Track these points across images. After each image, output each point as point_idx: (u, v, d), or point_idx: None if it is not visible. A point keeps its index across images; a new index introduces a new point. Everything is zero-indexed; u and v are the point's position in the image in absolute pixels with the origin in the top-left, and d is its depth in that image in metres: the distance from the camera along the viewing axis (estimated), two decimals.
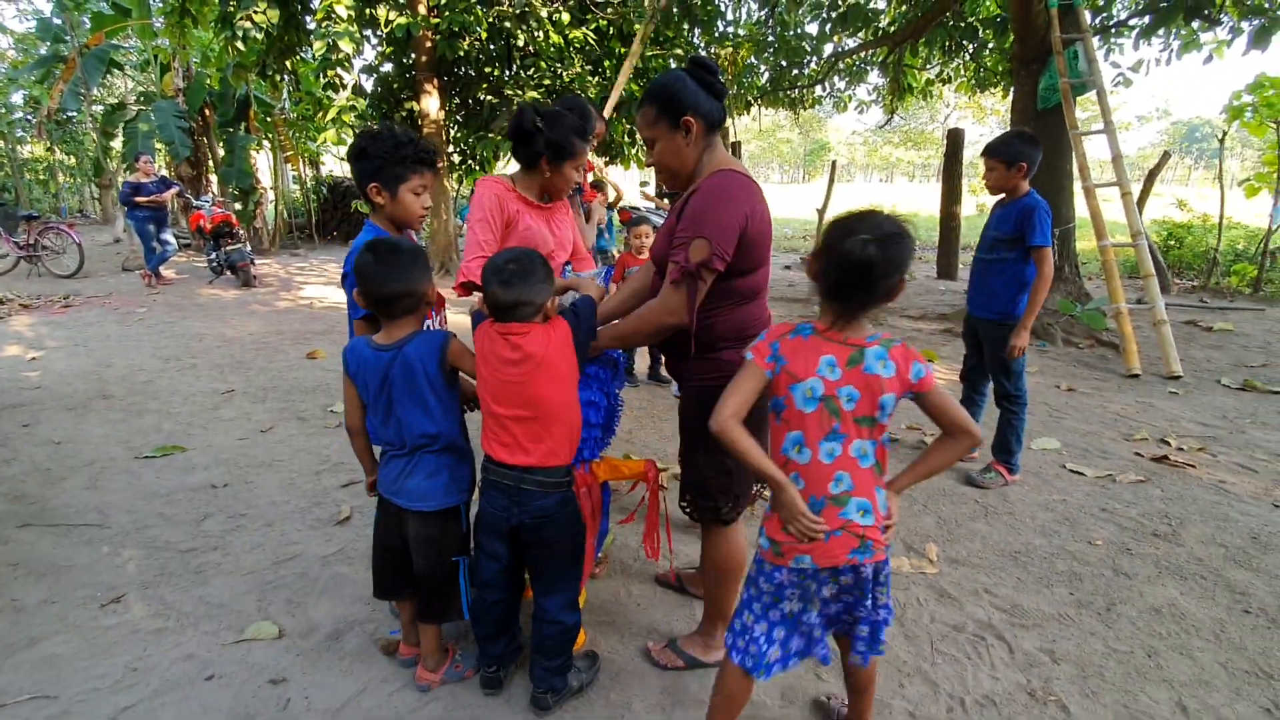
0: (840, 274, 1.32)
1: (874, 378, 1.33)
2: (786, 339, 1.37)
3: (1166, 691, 1.88)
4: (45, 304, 7.55)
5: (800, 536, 1.36)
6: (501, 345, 1.61)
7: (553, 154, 2.00)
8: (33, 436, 3.71)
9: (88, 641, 2.07)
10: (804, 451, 1.37)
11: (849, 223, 1.33)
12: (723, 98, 1.68)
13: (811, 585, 1.42)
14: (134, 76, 16.12)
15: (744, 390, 1.36)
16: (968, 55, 9.28)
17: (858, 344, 1.35)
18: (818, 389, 1.34)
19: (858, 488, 1.37)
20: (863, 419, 1.36)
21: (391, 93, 8.94)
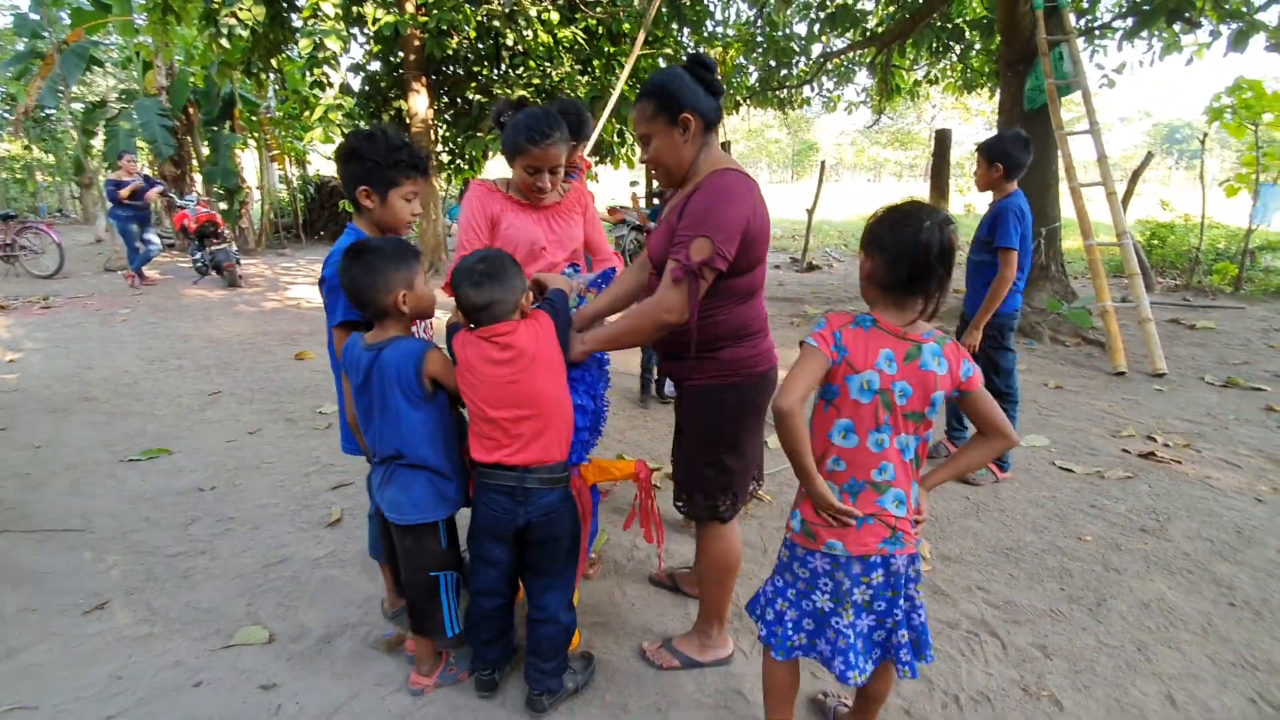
0: (914, 265, 1.31)
1: (929, 374, 1.35)
2: (848, 329, 1.36)
3: (1156, 684, 1.90)
4: (24, 305, 7.42)
5: (830, 523, 1.38)
6: (488, 348, 1.59)
7: (507, 152, 2.02)
8: (10, 440, 3.64)
9: (70, 650, 2.03)
10: (851, 437, 1.38)
11: (908, 215, 1.33)
12: (720, 95, 1.67)
13: (844, 581, 1.40)
14: (115, 74, 15.88)
15: (811, 375, 1.34)
16: (955, 56, 9.36)
17: (916, 339, 1.36)
18: (874, 381, 1.34)
19: (898, 479, 1.39)
20: (912, 414, 1.37)
21: (379, 91, 8.87)
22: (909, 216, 1.33)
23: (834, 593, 1.42)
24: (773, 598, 1.51)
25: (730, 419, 1.74)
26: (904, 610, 1.44)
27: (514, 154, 1.99)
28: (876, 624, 1.45)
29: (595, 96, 8.24)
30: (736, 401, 1.73)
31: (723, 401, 1.73)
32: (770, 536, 2.71)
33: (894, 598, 1.42)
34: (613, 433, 3.79)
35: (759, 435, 1.86)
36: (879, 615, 1.44)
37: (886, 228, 1.35)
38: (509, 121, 1.99)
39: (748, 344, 1.71)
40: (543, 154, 1.94)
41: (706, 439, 1.77)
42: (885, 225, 1.35)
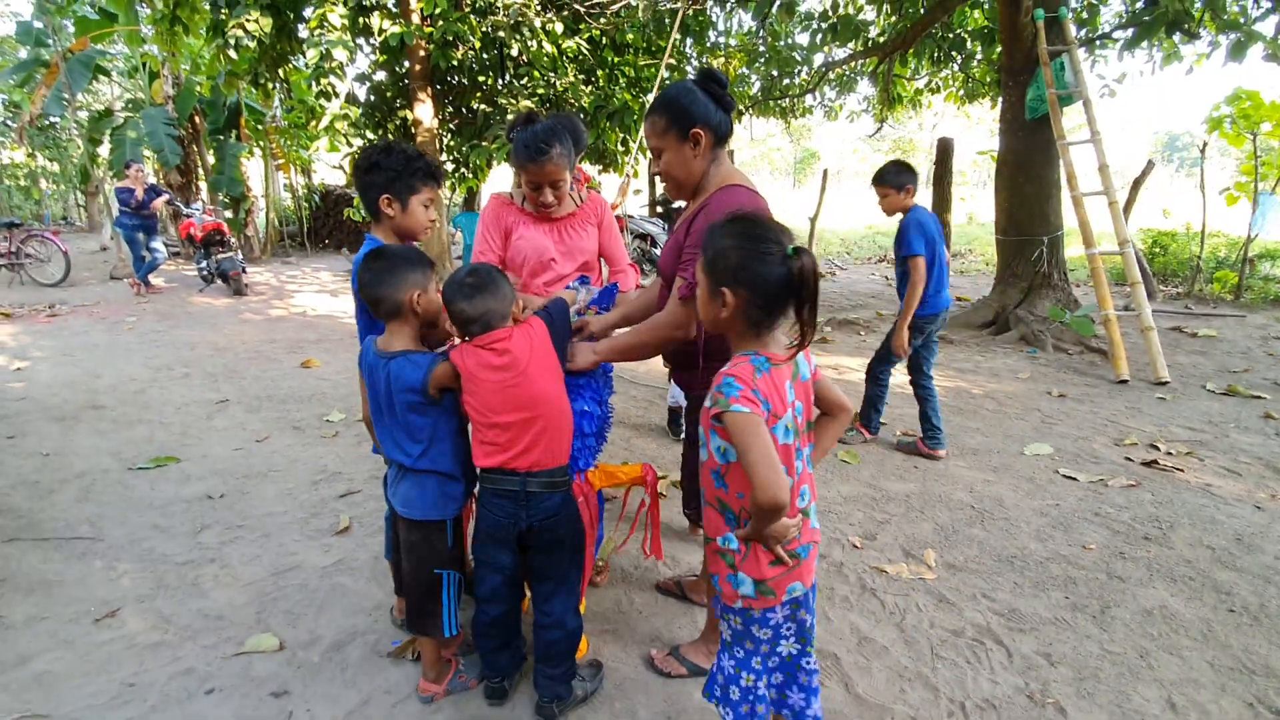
0: (779, 294, 1.25)
1: (807, 383, 1.38)
2: (758, 380, 1.25)
3: (1157, 690, 1.91)
4: (30, 313, 7.47)
5: (788, 556, 1.31)
6: (486, 355, 1.63)
7: (513, 167, 2.10)
8: (19, 449, 3.66)
9: (81, 658, 2.05)
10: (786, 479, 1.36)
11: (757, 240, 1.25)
12: (732, 110, 1.70)
13: (806, 617, 1.38)
14: (121, 83, 16.00)
15: (772, 449, 1.21)
16: (956, 66, 9.42)
17: (794, 355, 1.33)
18: (790, 418, 1.30)
19: (811, 492, 1.39)
20: (809, 424, 1.39)
21: (385, 101, 8.94)
22: (766, 243, 1.25)
23: (799, 633, 1.40)
24: (735, 675, 1.40)
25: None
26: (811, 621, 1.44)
27: (517, 169, 2.04)
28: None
29: (599, 106, 8.29)
30: None
31: None
32: None
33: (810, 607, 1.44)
34: (619, 440, 3.81)
35: None
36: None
37: (748, 259, 1.25)
38: (514, 137, 2.04)
39: None
40: (540, 170, 1.99)
41: None
42: (745, 257, 1.25)
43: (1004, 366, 5.43)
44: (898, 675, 1.99)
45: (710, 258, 1.29)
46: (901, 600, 2.35)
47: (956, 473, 3.40)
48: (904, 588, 2.42)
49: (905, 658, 2.06)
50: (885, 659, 2.05)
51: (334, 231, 14.71)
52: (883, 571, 2.52)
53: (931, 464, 3.51)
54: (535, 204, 2.11)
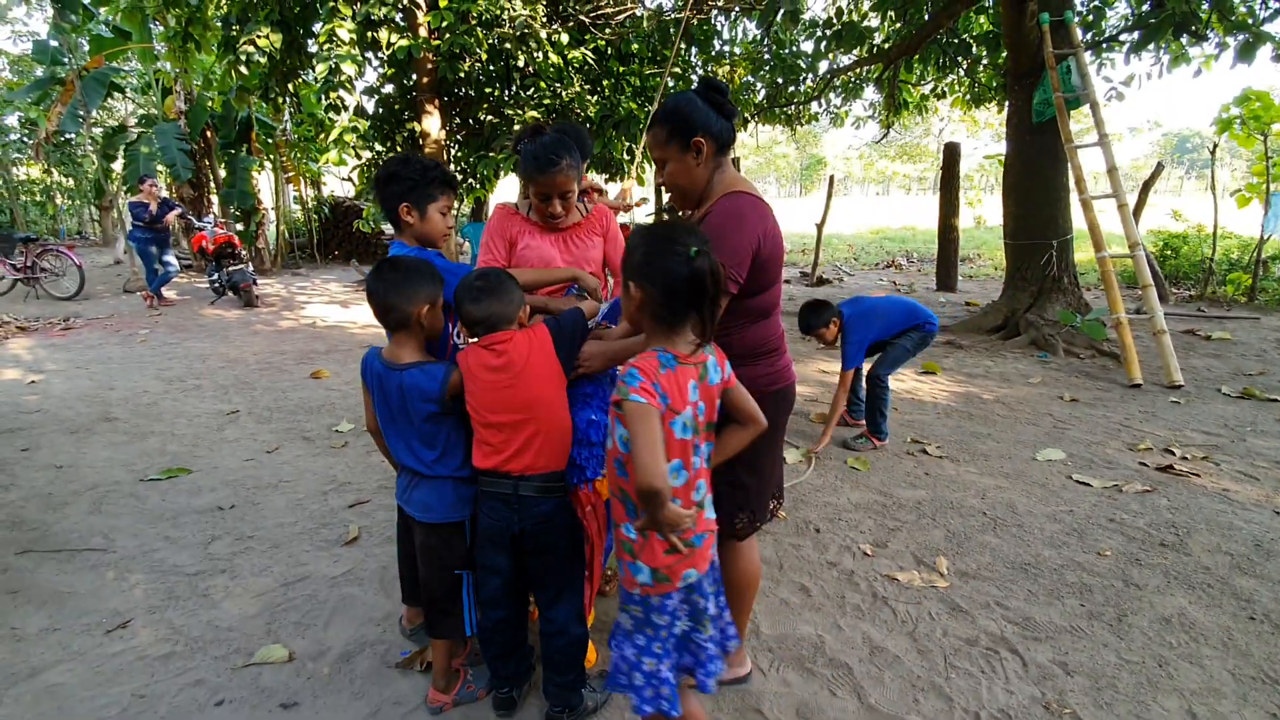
0: (692, 295, 1.32)
1: (714, 387, 1.44)
2: (661, 375, 1.33)
3: (1177, 700, 1.88)
4: (44, 326, 7.56)
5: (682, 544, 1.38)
6: (486, 355, 1.66)
7: (521, 178, 2.14)
8: (33, 461, 3.70)
9: (92, 670, 2.06)
10: (681, 474, 1.40)
11: (667, 242, 1.33)
12: (733, 118, 1.71)
13: (699, 600, 1.45)
14: (135, 99, 16.25)
15: (659, 440, 1.28)
16: (962, 71, 9.41)
17: (702, 361, 1.41)
18: (690, 416, 1.37)
19: (707, 488, 1.48)
20: (709, 425, 1.45)
21: (393, 114, 9.02)
22: (673, 243, 1.33)
23: (691, 614, 1.47)
24: (637, 661, 1.43)
25: None
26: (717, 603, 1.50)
27: (526, 181, 2.06)
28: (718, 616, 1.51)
29: (604, 115, 8.33)
30: None
31: None
32: (786, 553, 2.70)
33: (717, 590, 1.51)
34: None
35: (777, 453, 1.87)
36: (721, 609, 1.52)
37: (654, 256, 1.34)
38: (522, 149, 2.05)
39: (764, 362, 1.73)
40: (549, 181, 2.01)
41: None
42: (651, 254, 1.34)
43: (1014, 371, 5.39)
44: (911, 685, 1.96)
45: (624, 255, 1.41)
46: (914, 609, 2.32)
47: (968, 479, 3.37)
48: (916, 596, 2.40)
49: (918, 667, 2.03)
50: (898, 668, 2.03)
51: (343, 243, 14.84)
52: (894, 579, 2.50)
53: (942, 470, 3.48)
54: (543, 215, 2.13)
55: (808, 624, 2.25)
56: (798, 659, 2.08)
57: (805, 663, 2.07)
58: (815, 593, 2.43)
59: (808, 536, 2.84)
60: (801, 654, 2.10)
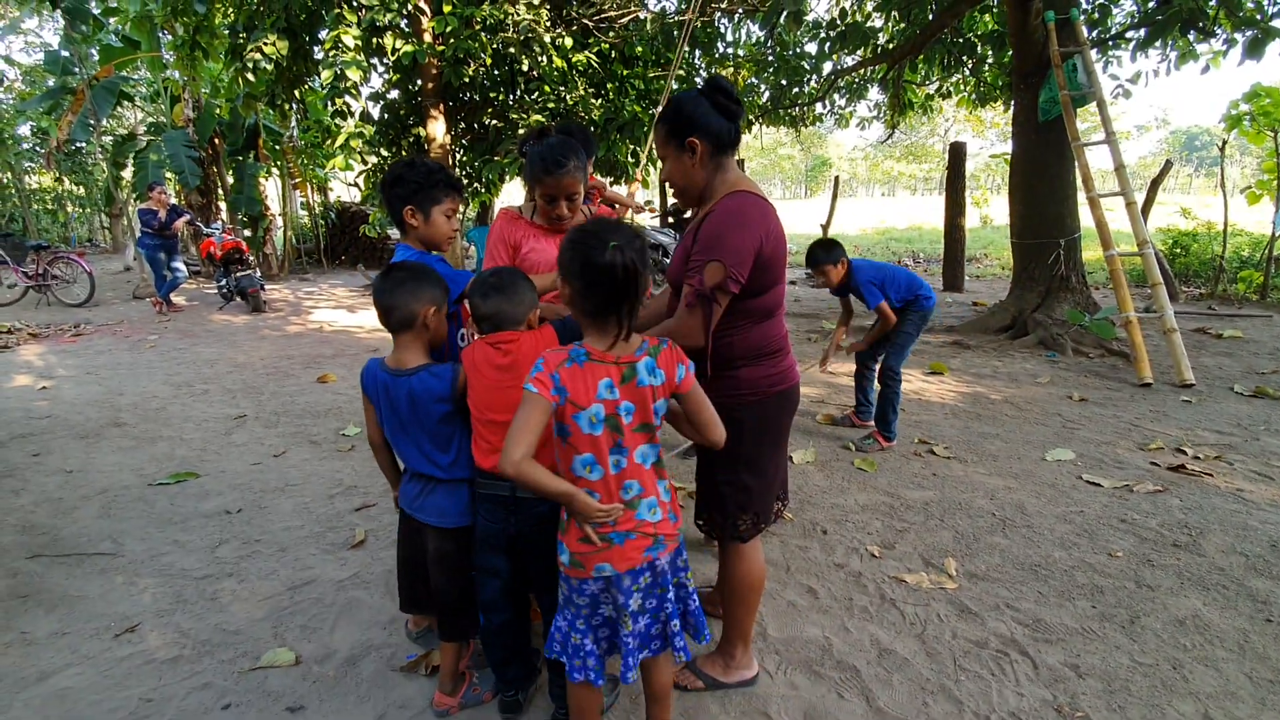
0: (608, 290, 1.34)
1: (646, 389, 1.41)
2: (564, 368, 1.37)
3: (1193, 704, 1.85)
4: (55, 333, 7.63)
5: (597, 537, 1.41)
6: (492, 353, 1.65)
7: (526, 181, 2.12)
8: (43, 466, 3.72)
9: (101, 673, 2.06)
10: (596, 470, 1.43)
11: (591, 237, 1.35)
12: (736, 119, 1.69)
13: (619, 596, 1.47)
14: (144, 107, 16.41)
15: (534, 426, 1.34)
16: (967, 70, 9.37)
17: (629, 361, 1.40)
18: (600, 412, 1.38)
19: (646, 490, 1.46)
20: (640, 428, 1.44)
21: (399, 119, 9.07)
22: (594, 239, 1.34)
23: (615, 608, 1.50)
24: (567, 633, 1.53)
25: (749, 438, 1.74)
26: (673, 602, 1.53)
27: (532, 183, 2.05)
28: (653, 620, 1.54)
29: (609, 118, 8.34)
30: (755, 420, 1.74)
31: (741, 420, 1.73)
32: (793, 554, 2.69)
33: (663, 594, 1.52)
34: None
35: (781, 454, 1.86)
36: (653, 613, 1.53)
37: (576, 252, 1.36)
38: (528, 151, 2.05)
39: (767, 363, 1.73)
40: (556, 184, 2.01)
41: (725, 457, 1.77)
42: (574, 249, 1.36)
43: (1022, 371, 5.35)
44: (920, 688, 1.94)
45: (561, 248, 1.42)
46: (922, 610, 2.30)
47: (976, 479, 3.34)
48: (924, 598, 2.38)
49: (927, 670, 2.01)
50: (907, 671, 2.01)
51: (350, 248, 14.92)
52: (902, 581, 2.48)
53: (950, 471, 3.45)
54: (548, 217, 2.12)
55: (815, 626, 2.24)
56: (805, 661, 2.07)
57: (813, 665, 2.05)
58: (822, 595, 2.42)
59: (815, 538, 2.82)
60: (809, 656, 2.09)
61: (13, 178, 20.06)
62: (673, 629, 1.55)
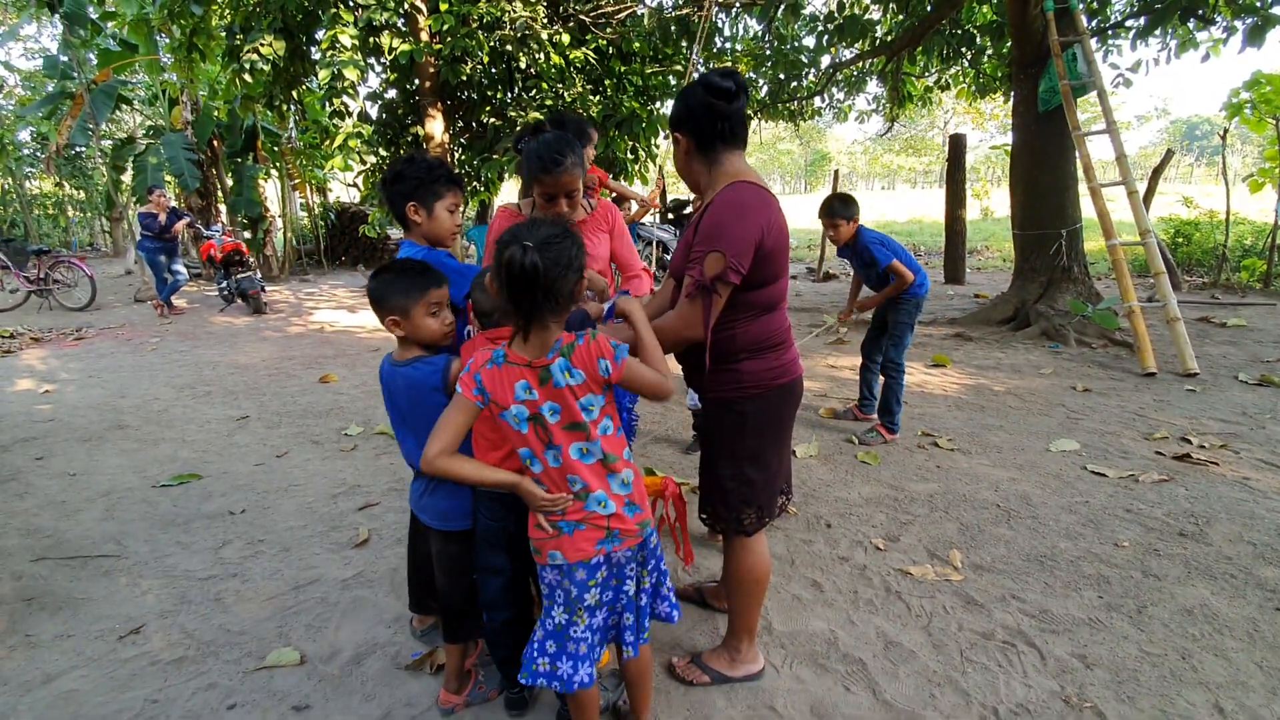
0: (510, 286, 1.32)
1: (565, 390, 1.39)
2: (486, 370, 1.40)
3: (1203, 694, 1.84)
4: (57, 337, 7.63)
5: (548, 525, 1.45)
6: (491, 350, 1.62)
7: (524, 179, 2.09)
8: (47, 469, 3.72)
9: (106, 675, 2.06)
10: (536, 463, 1.45)
11: (514, 233, 1.35)
12: (726, 116, 1.65)
13: (572, 588, 1.48)
14: (142, 111, 16.41)
15: (456, 425, 1.40)
16: (966, 62, 9.33)
17: (543, 364, 1.38)
18: (523, 413, 1.40)
19: (591, 485, 1.45)
20: (570, 426, 1.42)
21: (396, 118, 9.06)
22: (515, 236, 1.33)
23: (565, 602, 1.50)
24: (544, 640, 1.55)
25: (751, 431, 1.74)
26: (629, 595, 1.55)
27: (530, 181, 2.03)
28: (608, 613, 1.55)
29: (607, 115, 8.32)
30: (757, 413, 1.73)
31: (744, 414, 1.72)
32: (796, 548, 2.68)
33: (618, 585, 1.54)
34: (636, 447, 3.78)
35: (784, 448, 1.85)
36: (609, 605, 1.54)
37: (499, 247, 1.36)
38: (524, 148, 2.03)
39: (770, 356, 1.71)
40: (555, 181, 1.97)
41: (728, 451, 1.76)
42: (498, 245, 1.37)
43: (1025, 362, 5.33)
44: (927, 680, 1.93)
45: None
46: (928, 603, 2.29)
47: (981, 471, 3.33)
48: (930, 590, 2.37)
49: (934, 662, 2.01)
50: (913, 663, 2.00)
51: (350, 248, 14.92)
52: (907, 574, 2.47)
53: (954, 463, 3.44)
54: (549, 215, 2.10)
55: (820, 620, 2.23)
56: (811, 655, 2.06)
57: (818, 659, 2.04)
58: (827, 588, 2.41)
59: (819, 532, 2.81)
60: (814, 650, 2.08)
61: (13, 183, 20.10)
62: (625, 622, 1.56)
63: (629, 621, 1.56)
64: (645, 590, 1.58)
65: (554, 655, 1.52)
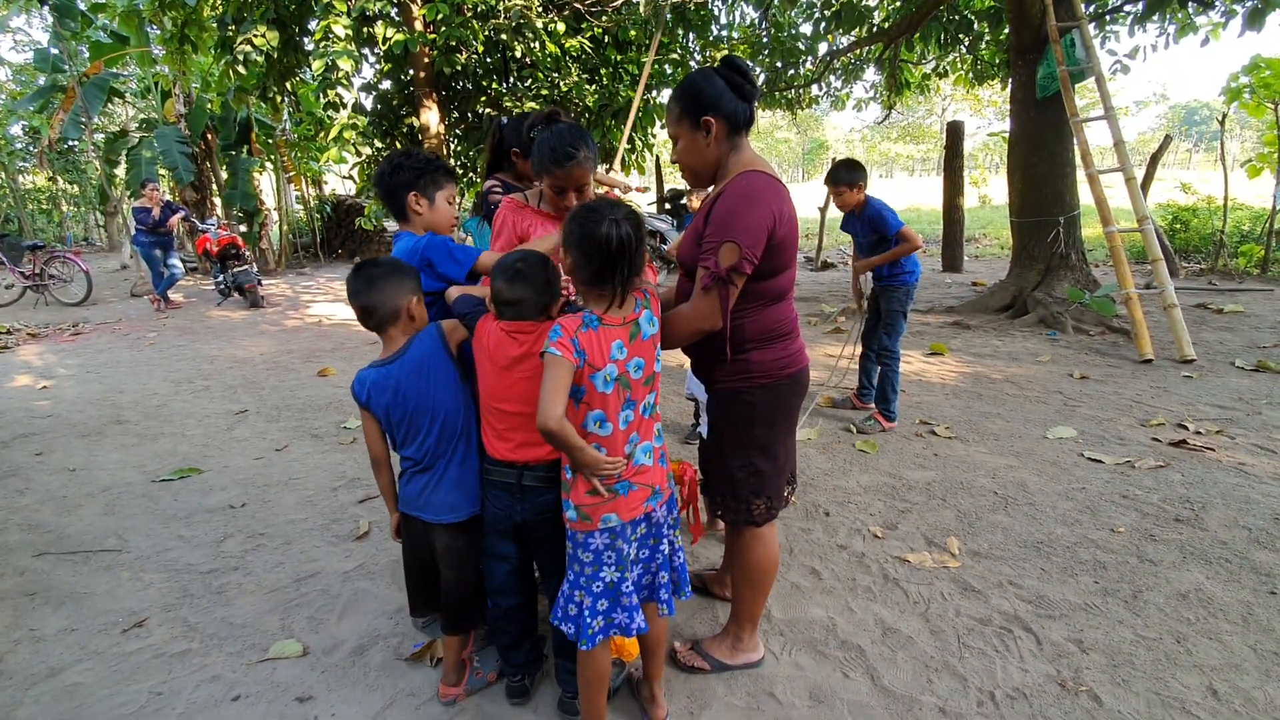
0: (604, 258, 1.44)
1: (649, 341, 1.54)
2: (581, 332, 1.46)
3: (1197, 677, 1.86)
4: (54, 332, 7.61)
5: (605, 489, 1.50)
6: (509, 343, 1.62)
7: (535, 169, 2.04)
8: (46, 465, 3.73)
9: (110, 668, 2.08)
10: (605, 425, 1.51)
11: (592, 213, 1.47)
12: (751, 99, 1.66)
13: (624, 547, 1.55)
14: (135, 103, 16.28)
15: (564, 385, 1.44)
16: (964, 48, 9.28)
17: (633, 319, 1.52)
18: (613, 372, 1.48)
19: (642, 436, 1.57)
20: (647, 380, 1.55)
21: (391, 109, 8.99)
22: (594, 213, 1.46)
23: (618, 562, 1.56)
24: (569, 595, 1.59)
25: (760, 421, 1.74)
26: (665, 554, 1.63)
27: (540, 173, 1.99)
28: (643, 571, 1.63)
29: (603, 105, 8.27)
30: (766, 403, 1.73)
31: (753, 404, 1.73)
32: (795, 536, 2.69)
33: (655, 544, 1.62)
34: None
35: (791, 437, 1.85)
36: (645, 563, 1.62)
37: (576, 225, 1.47)
38: (537, 138, 1.98)
39: (778, 346, 1.72)
40: (567, 175, 1.93)
41: (737, 441, 1.77)
42: (576, 223, 1.47)
43: (1023, 350, 5.34)
44: (924, 665, 1.95)
45: (564, 224, 1.52)
46: (925, 589, 2.31)
47: (978, 459, 3.35)
48: (928, 577, 2.39)
49: (931, 648, 2.02)
50: (911, 649, 2.02)
51: (346, 241, 14.87)
52: (905, 561, 2.49)
53: (952, 451, 3.46)
54: (557, 207, 2.07)
55: (819, 607, 2.25)
56: (810, 642, 2.08)
57: (817, 645, 2.06)
58: (826, 576, 2.43)
59: (817, 520, 2.83)
60: (813, 637, 2.10)
61: (7, 177, 19.96)
62: (660, 580, 1.63)
63: (663, 579, 1.63)
64: (678, 550, 1.67)
65: (607, 611, 1.57)
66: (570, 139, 1.92)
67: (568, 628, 1.57)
